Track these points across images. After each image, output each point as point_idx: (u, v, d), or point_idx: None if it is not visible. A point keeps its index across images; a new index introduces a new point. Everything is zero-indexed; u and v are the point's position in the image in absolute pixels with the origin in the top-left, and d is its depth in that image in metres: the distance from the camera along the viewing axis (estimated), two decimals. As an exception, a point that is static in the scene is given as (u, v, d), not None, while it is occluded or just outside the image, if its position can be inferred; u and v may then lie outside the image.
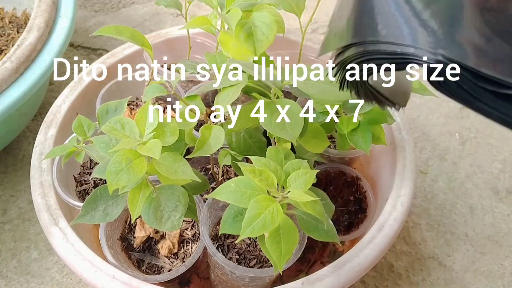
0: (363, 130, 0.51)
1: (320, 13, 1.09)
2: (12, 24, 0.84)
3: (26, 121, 0.78)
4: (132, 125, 0.39)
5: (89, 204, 0.43)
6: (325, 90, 0.43)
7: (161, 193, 0.42)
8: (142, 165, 0.37)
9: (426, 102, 0.90)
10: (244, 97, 0.62)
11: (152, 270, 0.54)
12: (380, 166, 0.62)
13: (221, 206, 0.52)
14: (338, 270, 0.46)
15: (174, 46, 0.72)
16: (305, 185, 0.38)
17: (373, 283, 0.66)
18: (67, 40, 0.72)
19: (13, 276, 0.66)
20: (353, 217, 0.60)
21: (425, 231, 0.72)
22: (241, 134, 0.49)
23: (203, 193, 0.56)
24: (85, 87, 0.64)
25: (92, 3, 1.10)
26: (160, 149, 0.36)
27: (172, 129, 0.40)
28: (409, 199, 0.53)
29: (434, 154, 0.82)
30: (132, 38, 0.46)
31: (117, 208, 0.43)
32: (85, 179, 0.60)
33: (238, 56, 0.48)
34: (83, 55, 0.97)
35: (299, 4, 0.56)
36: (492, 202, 0.76)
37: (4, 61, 0.63)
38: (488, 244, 0.71)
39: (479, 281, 0.67)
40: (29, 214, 0.72)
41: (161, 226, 0.41)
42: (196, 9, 1.08)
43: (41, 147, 0.57)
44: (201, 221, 0.48)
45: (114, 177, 0.36)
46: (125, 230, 0.57)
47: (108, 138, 0.41)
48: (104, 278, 0.45)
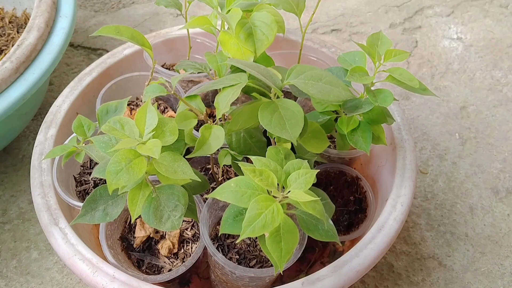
0: (363, 130, 0.51)
1: (320, 13, 1.09)
2: (12, 24, 0.84)
3: (26, 121, 0.78)
4: (131, 125, 0.39)
5: (89, 204, 0.43)
6: (325, 90, 0.43)
7: (161, 193, 0.42)
8: (142, 165, 0.37)
9: (426, 102, 0.90)
10: (244, 97, 0.62)
11: (152, 270, 0.54)
12: (380, 166, 0.62)
13: (221, 206, 0.52)
14: (338, 270, 0.46)
15: (174, 46, 0.72)
16: (306, 185, 0.38)
17: (373, 283, 0.66)
18: (67, 40, 0.72)
19: (13, 276, 0.66)
20: (353, 217, 0.60)
21: (425, 231, 0.72)
22: (241, 134, 0.49)
23: (203, 193, 0.56)
24: (85, 87, 0.64)
25: (92, 3, 1.10)
26: (160, 149, 0.36)
27: (171, 128, 0.40)
28: (409, 199, 0.53)
29: (434, 154, 0.82)
30: (132, 38, 0.46)
31: (117, 208, 0.43)
32: (85, 179, 0.60)
33: (238, 56, 0.48)
34: (83, 55, 0.97)
35: (299, 4, 0.56)
36: (492, 202, 0.76)
37: (4, 61, 0.63)
38: (488, 244, 0.71)
39: (479, 281, 0.67)
40: (29, 214, 0.72)
41: (161, 226, 0.41)
42: (196, 9, 1.08)
43: (41, 147, 0.57)
44: (201, 221, 0.48)
45: (114, 177, 0.36)
46: (125, 230, 0.57)
47: (107, 138, 0.41)
48: (104, 278, 0.45)
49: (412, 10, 1.09)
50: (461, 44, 1.01)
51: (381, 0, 1.11)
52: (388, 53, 0.51)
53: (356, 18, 1.08)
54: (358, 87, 0.55)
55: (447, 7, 1.10)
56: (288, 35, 0.70)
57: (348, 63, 0.53)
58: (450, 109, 0.89)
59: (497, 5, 1.10)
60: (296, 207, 0.40)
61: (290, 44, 0.70)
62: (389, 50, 0.51)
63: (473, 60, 0.98)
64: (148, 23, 1.06)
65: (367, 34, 1.03)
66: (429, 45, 1.01)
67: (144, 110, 0.39)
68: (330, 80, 0.44)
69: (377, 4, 1.11)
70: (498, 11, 1.08)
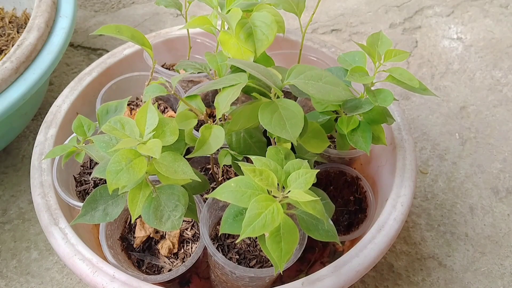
0: (363, 130, 0.51)
1: (320, 13, 1.09)
2: (12, 24, 0.84)
3: (26, 121, 0.78)
4: (132, 125, 0.39)
5: (89, 204, 0.43)
6: (325, 90, 0.43)
7: (161, 193, 0.42)
8: (142, 165, 0.37)
9: (426, 102, 0.90)
10: (244, 97, 0.62)
11: (152, 270, 0.54)
12: (380, 166, 0.62)
13: (221, 206, 0.52)
14: (338, 270, 0.46)
15: (174, 46, 0.72)
16: (305, 185, 0.38)
17: (373, 283, 0.66)
18: (67, 40, 0.72)
19: (13, 276, 0.66)
20: (353, 217, 0.60)
21: (425, 231, 0.72)
22: (241, 134, 0.49)
23: (203, 193, 0.56)
24: (85, 87, 0.64)
25: (92, 3, 1.10)
26: (160, 149, 0.36)
27: (172, 128, 0.40)
28: (409, 199, 0.53)
29: (434, 154, 0.82)
30: (133, 38, 0.46)
31: (117, 208, 0.42)
32: (85, 179, 0.60)
33: (238, 56, 0.48)
34: (83, 55, 0.97)
35: (299, 4, 0.56)
36: (492, 202, 0.76)
37: (4, 61, 0.63)
38: (488, 244, 0.71)
39: (479, 281, 0.67)
40: (29, 214, 0.72)
41: (161, 226, 0.41)
42: (196, 9, 1.08)
43: (41, 147, 0.57)
44: (201, 221, 0.48)
45: (114, 176, 0.36)
46: (125, 230, 0.57)
47: (108, 138, 0.41)
48: (104, 278, 0.45)
49: (412, 10, 1.09)
50: (461, 44, 1.01)
51: (381, 0, 1.11)
52: (388, 53, 0.51)
53: (356, 18, 1.08)
54: (358, 87, 0.55)
55: (447, 7, 1.10)
56: (288, 35, 0.70)
57: (348, 63, 0.53)
58: (450, 109, 0.89)
59: (497, 5, 1.10)
60: (296, 207, 0.40)
61: (290, 44, 0.70)
62: (389, 50, 0.51)
63: (473, 60, 0.98)
64: (148, 23, 1.06)
65: (367, 34, 1.03)
66: (429, 45, 1.01)
67: (144, 110, 0.39)
68: (330, 80, 0.44)
69: (377, 4, 1.11)
70: (498, 11, 1.08)
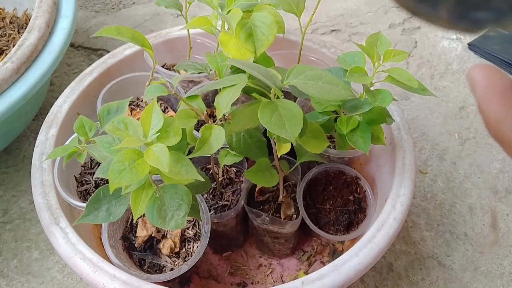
0: (363, 130, 0.51)
1: (320, 13, 1.09)
2: (13, 25, 0.85)
3: (27, 121, 0.78)
4: (135, 125, 0.39)
5: (92, 204, 0.43)
6: (324, 90, 0.43)
7: (165, 192, 0.42)
8: (145, 165, 0.37)
9: (425, 102, 0.90)
10: (244, 97, 0.63)
11: (154, 269, 0.54)
12: (380, 166, 0.63)
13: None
14: (337, 269, 0.46)
15: (174, 46, 0.72)
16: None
17: (373, 283, 0.66)
18: (68, 41, 0.72)
19: (14, 276, 0.66)
20: (353, 216, 0.60)
21: (425, 231, 0.72)
22: (241, 134, 0.49)
23: (203, 193, 0.56)
24: (85, 87, 0.64)
25: (92, 4, 1.11)
26: (168, 158, 0.36)
27: (175, 129, 0.40)
28: (409, 199, 0.53)
29: (433, 154, 0.82)
30: (133, 39, 0.46)
31: (120, 208, 0.43)
32: (86, 179, 0.60)
33: (238, 56, 0.48)
34: (84, 56, 0.98)
35: (299, 4, 0.56)
36: (491, 202, 0.76)
37: (5, 62, 0.63)
38: (487, 244, 0.71)
39: (478, 281, 0.67)
40: (30, 214, 0.72)
41: (165, 225, 0.41)
42: (197, 9, 1.08)
43: (42, 147, 0.57)
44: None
45: (117, 176, 0.36)
46: (126, 229, 0.57)
47: (111, 138, 0.41)
48: (105, 278, 0.46)
49: (411, 10, 1.09)
50: (460, 44, 1.02)
51: (381, 0, 1.12)
52: (387, 54, 0.51)
53: (356, 18, 1.08)
54: (357, 87, 0.55)
55: (446, 7, 1.10)
56: (288, 36, 0.70)
57: (347, 63, 0.53)
58: (449, 109, 0.89)
59: (496, 5, 1.10)
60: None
61: (290, 44, 0.70)
62: (388, 51, 0.51)
63: (472, 60, 0.98)
64: (149, 24, 1.06)
65: (367, 35, 1.02)
66: (428, 46, 1.02)
67: (150, 110, 0.39)
68: (329, 80, 0.44)
69: (377, 4, 1.11)
70: (497, 12, 1.09)
